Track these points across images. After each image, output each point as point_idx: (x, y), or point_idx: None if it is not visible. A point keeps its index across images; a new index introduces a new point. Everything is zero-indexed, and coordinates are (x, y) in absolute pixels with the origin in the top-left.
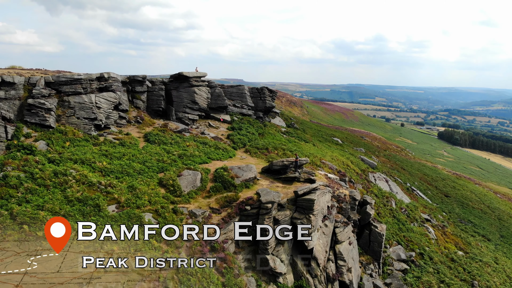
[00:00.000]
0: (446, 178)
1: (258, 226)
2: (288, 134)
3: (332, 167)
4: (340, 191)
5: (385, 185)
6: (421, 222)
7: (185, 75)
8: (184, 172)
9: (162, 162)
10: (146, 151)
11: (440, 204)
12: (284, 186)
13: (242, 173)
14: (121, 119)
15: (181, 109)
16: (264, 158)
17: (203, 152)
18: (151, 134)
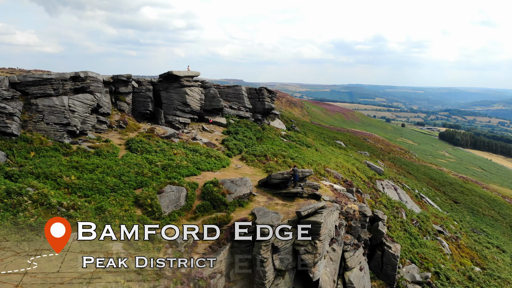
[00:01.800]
0: (453, 183)
1: (253, 256)
2: (289, 138)
3: (338, 176)
4: (348, 206)
5: (394, 193)
6: (434, 235)
7: (175, 75)
8: (166, 188)
9: (141, 175)
10: (124, 162)
11: (450, 212)
12: (284, 203)
13: (236, 188)
14: (101, 124)
15: (171, 112)
16: (262, 167)
17: (192, 162)
18: (134, 141)
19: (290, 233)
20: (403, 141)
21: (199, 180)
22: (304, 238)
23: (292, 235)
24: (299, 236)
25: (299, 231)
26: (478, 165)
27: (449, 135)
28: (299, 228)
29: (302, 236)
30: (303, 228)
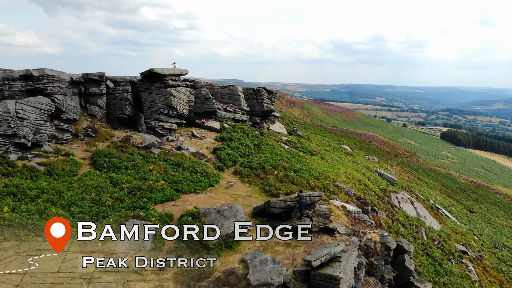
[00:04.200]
0: (466, 189)
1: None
2: (291, 144)
3: (350, 192)
4: (368, 238)
5: (410, 208)
6: (458, 258)
7: (158, 73)
8: (127, 225)
9: (99, 203)
10: (81, 184)
11: (468, 225)
12: (287, 242)
13: (223, 222)
14: (63, 133)
15: (154, 116)
16: (259, 184)
17: (171, 181)
18: (101, 154)
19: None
20: (405, 141)
21: (176, 208)
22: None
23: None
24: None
25: (309, 286)
26: (481, 165)
27: (451, 135)
28: (311, 283)
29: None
30: (314, 284)
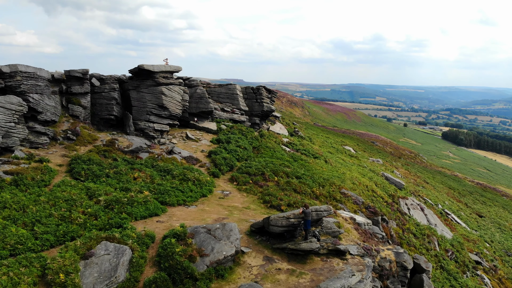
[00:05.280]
0: (473, 192)
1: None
2: (292, 147)
3: (357, 200)
4: (382, 256)
5: (420, 215)
6: (473, 269)
7: (148, 69)
8: (97, 249)
9: (68, 221)
10: (50, 197)
11: (478, 230)
12: (291, 268)
13: (213, 245)
14: (39, 136)
15: (143, 117)
16: (258, 193)
17: (158, 191)
18: (79, 161)
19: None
20: (406, 141)
21: (160, 225)
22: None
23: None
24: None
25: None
26: (483, 165)
27: (452, 135)
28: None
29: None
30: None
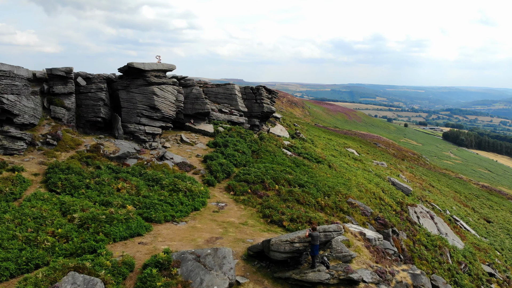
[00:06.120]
0: (479, 195)
1: None
2: (294, 150)
3: (366, 210)
4: (397, 279)
5: (431, 223)
6: (487, 283)
7: (138, 68)
8: (64, 282)
9: (34, 245)
10: (17, 215)
11: (488, 238)
12: None
13: (202, 276)
14: (14, 141)
15: (134, 119)
16: (257, 205)
17: (143, 205)
18: (56, 169)
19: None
20: (407, 141)
21: (142, 249)
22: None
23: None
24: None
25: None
26: (484, 166)
27: (453, 135)
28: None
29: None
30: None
